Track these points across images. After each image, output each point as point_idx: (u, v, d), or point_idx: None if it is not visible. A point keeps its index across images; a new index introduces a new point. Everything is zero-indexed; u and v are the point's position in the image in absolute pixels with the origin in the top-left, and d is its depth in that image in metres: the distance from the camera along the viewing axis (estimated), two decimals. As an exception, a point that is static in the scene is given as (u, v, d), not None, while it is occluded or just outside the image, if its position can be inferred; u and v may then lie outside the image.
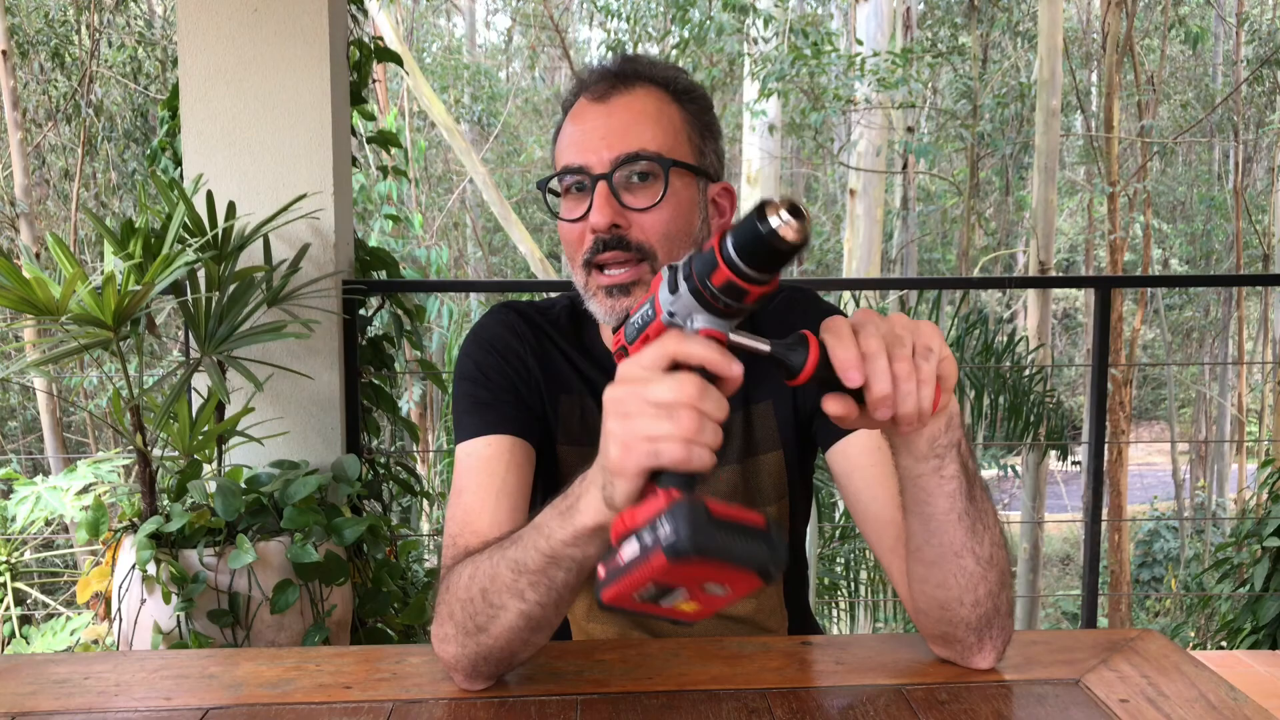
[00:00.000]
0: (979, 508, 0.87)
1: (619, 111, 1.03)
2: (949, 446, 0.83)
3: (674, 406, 0.69)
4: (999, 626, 0.91)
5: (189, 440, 2.09)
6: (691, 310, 0.72)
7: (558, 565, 0.81)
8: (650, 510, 0.69)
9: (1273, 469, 3.07)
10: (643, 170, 1.01)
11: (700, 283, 0.70)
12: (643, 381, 0.71)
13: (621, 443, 0.71)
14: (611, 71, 1.05)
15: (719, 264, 0.68)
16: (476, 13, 15.74)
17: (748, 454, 1.12)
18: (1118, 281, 7.88)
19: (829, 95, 7.46)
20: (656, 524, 0.67)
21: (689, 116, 1.06)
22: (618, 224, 1.01)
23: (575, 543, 0.79)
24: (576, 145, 1.03)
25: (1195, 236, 12.61)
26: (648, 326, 0.75)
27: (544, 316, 1.14)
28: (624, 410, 0.71)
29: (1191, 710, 0.86)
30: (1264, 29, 11.97)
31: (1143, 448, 17.14)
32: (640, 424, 0.70)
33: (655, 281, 0.76)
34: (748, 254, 0.67)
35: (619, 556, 0.69)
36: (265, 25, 2.33)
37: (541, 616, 0.85)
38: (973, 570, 0.88)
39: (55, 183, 9.20)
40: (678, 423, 0.69)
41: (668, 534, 0.66)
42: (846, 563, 5.02)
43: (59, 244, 2.02)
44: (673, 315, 0.73)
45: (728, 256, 0.68)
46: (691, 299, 0.71)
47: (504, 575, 0.84)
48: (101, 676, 0.95)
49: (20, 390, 9.62)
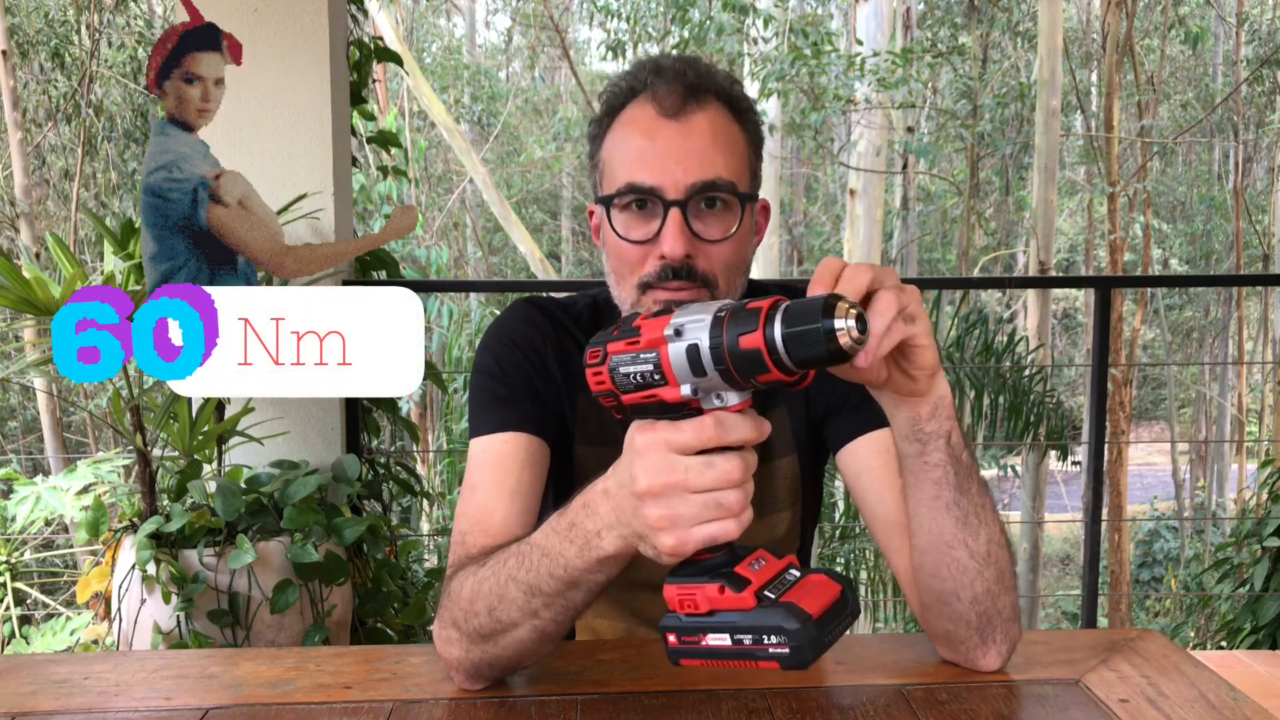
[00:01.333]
0: (973, 502, 0.87)
1: (695, 134, 0.99)
2: (934, 435, 0.84)
3: (722, 493, 0.70)
4: (1002, 630, 0.91)
5: (189, 440, 2.09)
6: (718, 388, 0.70)
7: (577, 588, 0.82)
8: (730, 606, 0.70)
9: (1273, 469, 3.07)
10: (715, 198, 0.99)
11: (734, 365, 0.66)
12: (685, 471, 0.70)
13: (675, 536, 0.71)
14: (684, 83, 1.00)
15: (761, 348, 0.65)
16: (476, 13, 15.74)
17: (763, 459, 1.11)
18: (1118, 281, 7.88)
19: (829, 95, 7.46)
20: (760, 634, 0.68)
21: (748, 137, 1.04)
22: (689, 253, 0.98)
23: (597, 570, 0.80)
24: (647, 164, 0.98)
25: (1195, 236, 12.60)
26: (655, 388, 0.71)
27: (566, 314, 1.12)
28: (672, 507, 0.71)
29: (1191, 710, 0.86)
30: (1264, 29, 11.97)
31: (1143, 448, 17.14)
32: (692, 513, 0.70)
33: (652, 327, 0.71)
34: (797, 345, 0.64)
35: (703, 640, 0.70)
36: (265, 25, 2.32)
37: (554, 631, 0.86)
38: (966, 564, 0.88)
39: (55, 183, 9.19)
40: (729, 508, 0.70)
41: (784, 653, 0.68)
42: (846, 563, 5.01)
43: (59, 244, 2.02)
44: (695, 392, 0.70)
45: (771, 342, 0.64)
46: (721, 379, 0.68)
47: (514, 596, 0.84)
48: (101, 676, 0.95)
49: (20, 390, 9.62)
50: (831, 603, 0.71)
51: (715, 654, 0.70)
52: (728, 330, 0.66)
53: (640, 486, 0.71)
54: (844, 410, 1.07)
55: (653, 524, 0.71)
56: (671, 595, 0.72)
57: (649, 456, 0.71)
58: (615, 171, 1.01)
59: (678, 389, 0.70)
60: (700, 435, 0.70)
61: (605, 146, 1.04)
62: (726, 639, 0.70)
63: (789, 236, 11.43)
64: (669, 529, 0.71)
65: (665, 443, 0.71)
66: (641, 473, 0.71)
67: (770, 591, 0.70)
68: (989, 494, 0.89)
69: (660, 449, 0.71)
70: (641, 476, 0.71)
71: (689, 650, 0.71)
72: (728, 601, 0.70)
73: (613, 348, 0.73)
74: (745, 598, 0.69)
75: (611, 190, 1.01)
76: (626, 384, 0.72)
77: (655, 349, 0.70)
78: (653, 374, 0.70)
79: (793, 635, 0.67)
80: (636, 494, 0.72)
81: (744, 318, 0.66)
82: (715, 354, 0.67)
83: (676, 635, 0.72)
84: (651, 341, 0.70)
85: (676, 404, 0.71)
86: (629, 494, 0.73)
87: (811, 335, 0.63)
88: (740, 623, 0.69)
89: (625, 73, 1.05)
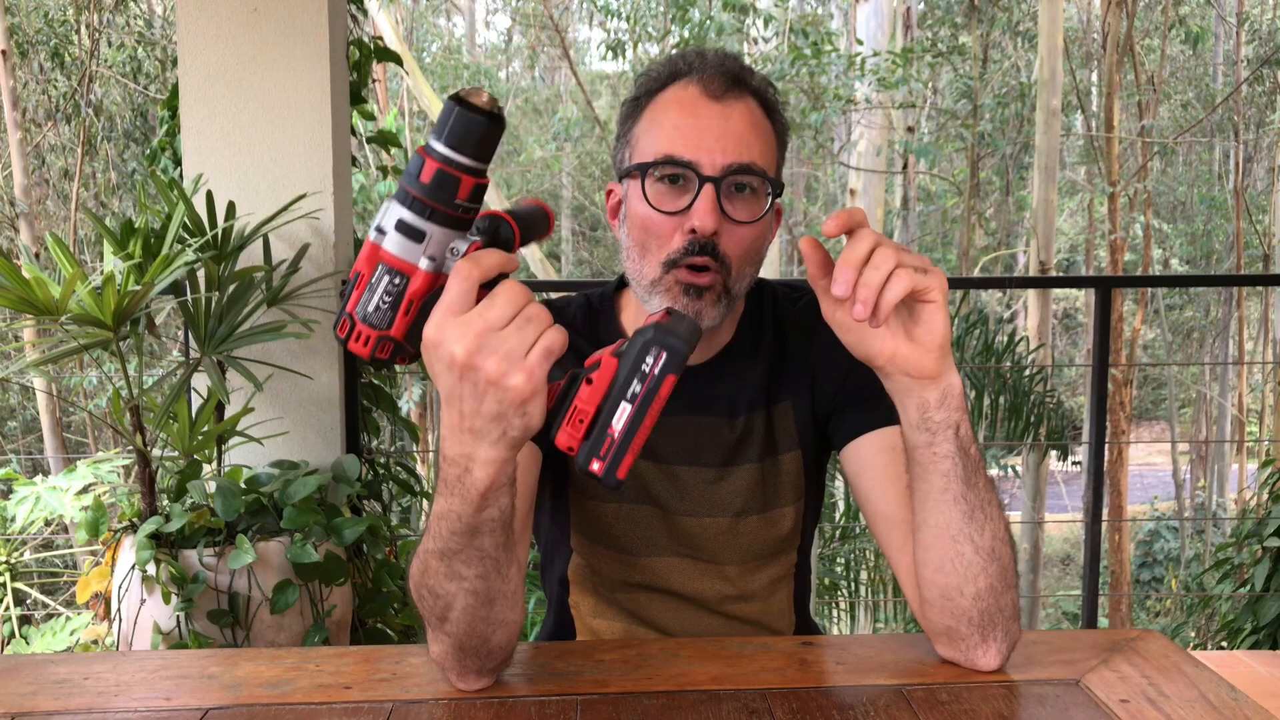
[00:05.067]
0: (980, 496, 0.88)
1: (735, 118, 1.01)
2: (943, 425, 0.85)
3: (523, 311, 0.71)
4: (1003, 628, 0.91)
5: (189, 440, 2.09)
6: (446, 242, 0.70)
7: (480, 533, 0.81)
8: (603, 383, 0.71)
9: (1273, 469, 3.07)
10: (746, 185, 1.01)
11: (426, 194, 0.68)
12: (479, 318, 0.70)
13: (520, 372, 0.70)
14: (728, 73, 1.03)
15: (423, 160, 0.68)
16: (476, 13, 15.75)
17: (768, 453, 1.12)
18: (1118, 281, 7.88)
19: (829, 95, 7.46)
20: (638, 371, 0.70)
21: (778, 137, 1.07)
22: (717, 230, 1.00)
23: (485, 504, 0.79)
24: (686, 138, 1.00)
25: (1195, 236, 12.60)
26: (403, 293, 0.71)
27: (560, 317, 1.12)
28: (485, 347, 0.70)
29: (1192, 710, 0.85)
30: (1264, 29, 11.97)
31: (1143, 448, 17.14)
32: (514, 342, 0.70)
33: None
34: (450, 137, 0.67)
35: (611, 431, 0.71)
36: (265, 25, 2.32)
37: (487, 589, 0.85)
38: (971, 559, 0.88)
39: (55, 183, 9.19)
40: (538, 319, 0.71)
41: (665, 356, 0.70)
42: (847, 563, 5.01)
43: (59, 244, 2.02)
44: (433, 260, 0.71)
45: (433, 149, 0.68)
46: (436, 224, 0.69)
47: (435, 567, 0.84)
48: (101, 676, 0.95)
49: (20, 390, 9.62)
50: (666, 315, 0.73)
51: (631, 429, 0.71)
52: (404, 181, 0.69)
53: (459, 358, 0.71)
54: (849, 408, 1.08)
55: (493, 378, 0.71)
56: (563, 438, 0.72)
57: (442, 333, 0.71)
58: (651, 145, 1.03)
59: (418, 269, 0.70)
60: (462, 284, 0.70)
61: (640, 123, 1.06)
62: (626, 407, 0.70)
63: (789, 236, 11.42)
64: (509, 371, 0.70)
65: (443, 313, 0.71)
66: (453, 349, 0.71)
67: (619, 345, 0.72)
68: (995, 490, 0.90)
69: (443, 320, 0.71)
70: (455, 349, 0.71)
71: (613, 456, 0.71)
72: (599, 383, 0.71)
73: (349, 306, 0.72)
74: (607, 363, 0.71)
75: (646, 160, 1.02)
76: (384, 316, 0.71)
77: (373, 262, 0.70)
78: (392, 281, 0.70)
79: (655, 341, 0.70)
80: (463, 369, 0.71)
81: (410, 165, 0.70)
82: (408, 201, 0.69)
83: (594, 458, 0.72)
84: (366, 259, 0.71)
85: (431, 290, 0.71)
86: (459, 385, 0.72)
87: (448, 113, 0.67)
88: (622, 382, 0.70)
89: (666, 59, 1.08)
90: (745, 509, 1.10)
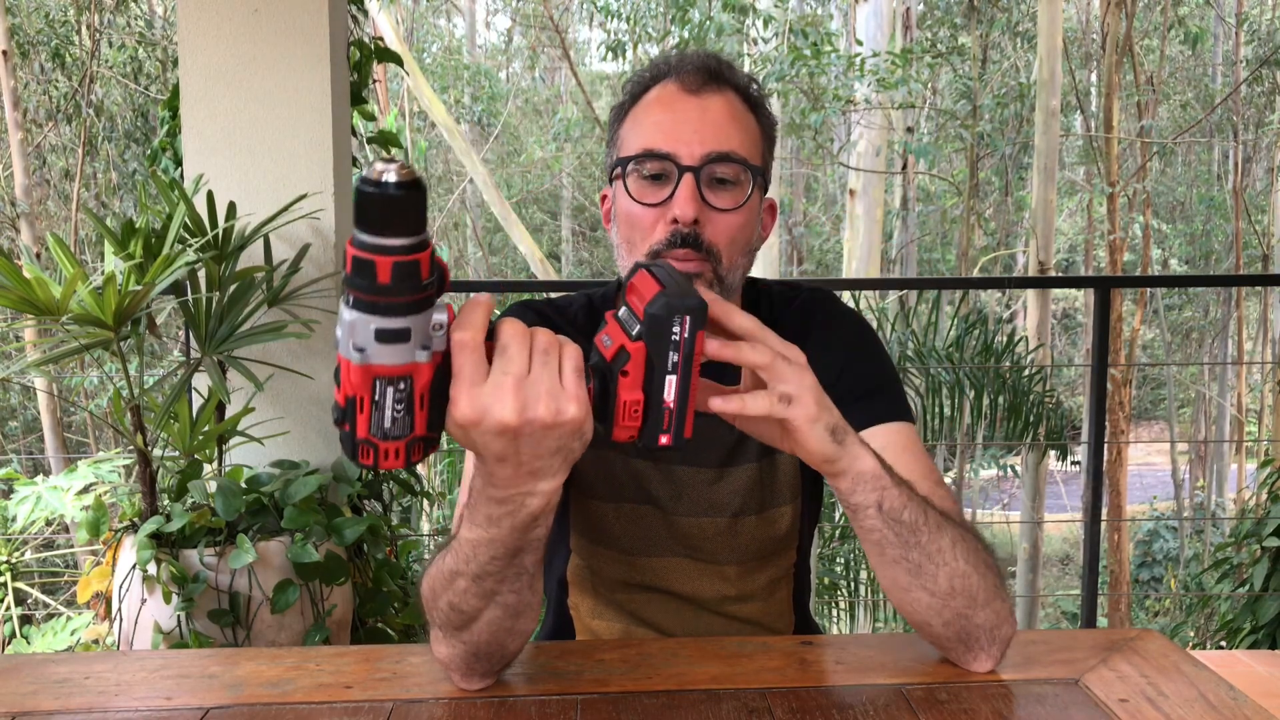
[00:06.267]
0: (925, 551, 0.86)
1: (714, 109, 1.03)
2: (862, 505, 0.85)
3: (536, 347, 0.70)
4: (985, 638, 0.91)
5: (189, 440, 2.09)
6: (425, 328, 0.67)
7: (524, 552, 0.80)
8: (639, 369, 0.72)
9: (1272, 469, 3.07)
10: (726, 173, 1.02)
11: (377, 287, 0.64)
12: (505, 378, 0.69)
13: (567, 402, 0.70)
14: (706, 67, 1.05)
15: (374, 262, 0.64)
16: (476, 13, 15.74)
17: (766, 453, 1.12)
18: (1117, 281, 7.88)
19: (829, 95, 7.46)
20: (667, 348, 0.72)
21: (762, 129, 1.08)
22: (698, 219, 1.01)
23: (535, 526, 0.78)
24: (665, 132, 1.02)
25: (1195, 237, 12.60)
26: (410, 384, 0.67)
27: (561, 316, 1.13)
28: (528, 400, 0.69)
29: (1191, 710, 0.86)
30: (1264, 29, 11.98)
31: (1142, 448, 17.13)
32: (547, 383, 0.70)
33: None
34: (383, 224, 0.64)
35: (666, 405, 0.73)
36: (265, 25, 2.33)
37: (518, 602, 0.84)
38: (929, 602, 0.88)
39: (55, 183, 9.19)
40: (552, 348, 0.71)
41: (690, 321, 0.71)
42: (846, 563, 5.01)
43: (59, 244, 2.02)
44: (425, 348, 0.67)
45: (376, 246, 0.64)
46: (400, 313, 0.65)
47: (464, 586, 0.83)
48: (102, 676, 0.95)
49: (20, 390, 9.62)
50: (648, 276, 0.74)
51: (684, 395, 0.73)
52: (358, 289, 0.65)
53: (512, 421, 0.69)
54: (844, 405, 1.08)
55: (549, 422, 0.70)
56: (621, 433, 0.74)
57: (481, 407, 0.69)
58: (633, 142, 1.05)
59: (417, 364, 0.67)
60: (472, 353, 0.68)
61: (624, 125, 1.08)
62: (671, 379, 0.73)
63: (789, 237, 11.42)
64: (560, 408, 0.69)
65: (469, 389, 0.69)
66: (501, 417, 0.69)
67: (632, 329, 0.73)
68: (945, 532, 0.87)
69: (472, 396, 0.69)
70: (504, 417, 0.69)
71: (676, 425, 0.74)
72: (635, 372, 0.73)
73: (362, 433, 0.68)
74: (635, 350, 0.72)
75: (627, 156, 1.04)
76: (404, 424, 0.68)
77: (368, 381, 0.66)
78: (398, 390, 0.67)
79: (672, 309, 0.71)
80: (518, 430, 0.69)
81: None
82: (376, 308, 0.64)
83: (659, 434, 0.74)
84: (359, 382, 0.67)
85: (433, 377, 0.69)
86: (517, 443, 0.71)
87: (375, 201, 0.64)
88: (658, 359, 0.72)
89: (650, 63, 1.10)
90: (743, 509, 1.11)
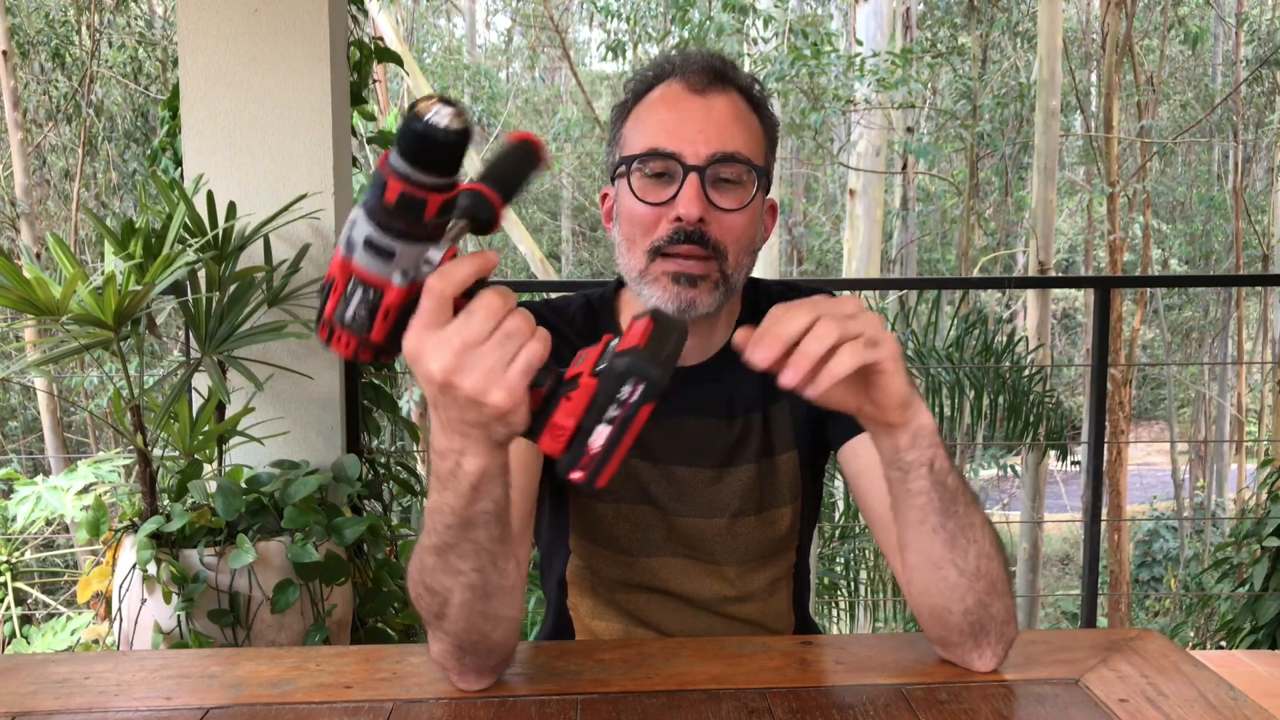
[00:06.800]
0: (960, 522, 0.87)
1: (718, 110, 1.03)
2: (916, 463, 0.85)
3: (503, 324, 0.69)
4: (995, 633, 0.91)
5: (189, 440, 2.10)
6: (417, 256, 0.68)
7: (474, 526, 0.81)
8: (581, 403, 0.70)
9: (1272, 469, 3.07)
10: (730, 174, 1.03)
11: (390, 213, 0.65)
12: (456, 334, 0.69)
13: (500, 388, 0.69)
14: (711, 67, 1.05)
15: (386, 181, 0.64)
16: (476, 13, 15.75)
17: (765, 454, 1.12)
18: (1117, 281, 7.88)
19: (828, 95, 7.46)
20: (614, 397, 0.69)
21: (765, 130, 1.08)
22: (703, 218, 1.01)
23: (478, 497, 0.78)
24: (669, 131, 1.02)
25: (1195, 237, 12.61)
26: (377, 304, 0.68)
27: (559, 317, 1.13)
28: (463, 366, 0.69)
29: (1191, 710, 0.86)
30: (1263, 29, 11.98)
31: (1142, 448, 17.14)
32: (494, 359, 0.69)
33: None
34: (413, 156, 0.64)
35: (590, 447, 0.70)
36: (265, 25, 2.33)
37: (484, 583, 0.84)
38: (956, 582, 0.89)
39: (56, 183, 9.20)
40: (518, 332, 0.69)
41: (642, 388, 0.69)
42: (846, 563, 5.01)
43: (59, 244, 2.02)
44: (406, 274, 0.68)
45: (396, 168, 0.64)
46: (403, 241, 0.66)
47: (431, 563, 0.84)
48: (102, 676, 0.95)
49: (21, 390, 9.63)
50: (649, 329, 0.72)
51: (610, 449, 0.71)
52: (369, 197, 0.66)
53: (437, 376, 0.69)
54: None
55: (474, 394, 0.70)
56: (546, 444, 0.72)
57: (420, 350, 0.69)
58: (637, 141, 1.05)
59: (391, 284, 0.68)
60: (436, 299, 0.68)
61: (628, 123, 1.08)
62: (604, 429, 0.70)
63: (789, 236, 11.42)
64: (488, 389, 0.69)
65: (420, 329, 0.69)
66: (430, 367, 0.70)
67: (601, 364, 0.71)
68: (978, 509, 0.89)
69: (420, 337, 0.69)
70: (433, 368, 0.69)
71: (593, 470, 0.72)
72: (577, 402, 0.71)
73: (327, 312, 0.70)
74: (585, 384, 0.70)
75: (631, 154, 1.04)
76: (362, 324, 0.69)
77: (345, 273, 0.68)
78: (365, 294, 0.68)
79: (633, 372, 0.69)
80: (442, 387, 0.70)
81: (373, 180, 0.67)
82: (374, 219, 0.66)
83: (573, 469, 0.72)
84: (339, 269, 0.68)
85: (408, 299, 0.69)
86: (440, 398, 0.72)
87: (408, 133, 0.63)
88: (600, 404, 0.70)
89: (653, 63, 1.10)
90: (742, 510, 1.11)
